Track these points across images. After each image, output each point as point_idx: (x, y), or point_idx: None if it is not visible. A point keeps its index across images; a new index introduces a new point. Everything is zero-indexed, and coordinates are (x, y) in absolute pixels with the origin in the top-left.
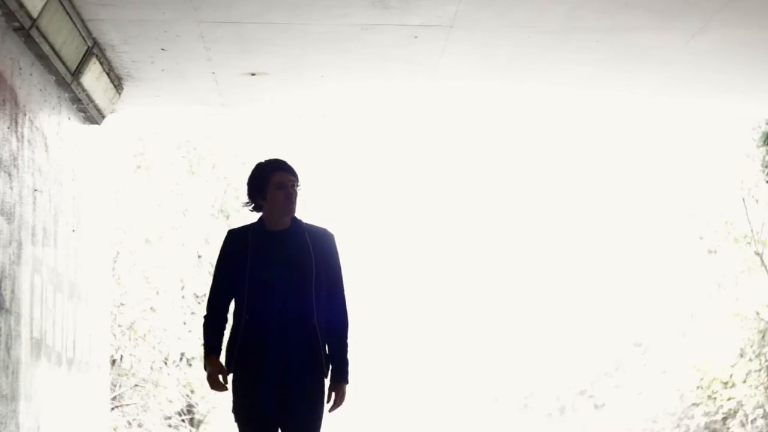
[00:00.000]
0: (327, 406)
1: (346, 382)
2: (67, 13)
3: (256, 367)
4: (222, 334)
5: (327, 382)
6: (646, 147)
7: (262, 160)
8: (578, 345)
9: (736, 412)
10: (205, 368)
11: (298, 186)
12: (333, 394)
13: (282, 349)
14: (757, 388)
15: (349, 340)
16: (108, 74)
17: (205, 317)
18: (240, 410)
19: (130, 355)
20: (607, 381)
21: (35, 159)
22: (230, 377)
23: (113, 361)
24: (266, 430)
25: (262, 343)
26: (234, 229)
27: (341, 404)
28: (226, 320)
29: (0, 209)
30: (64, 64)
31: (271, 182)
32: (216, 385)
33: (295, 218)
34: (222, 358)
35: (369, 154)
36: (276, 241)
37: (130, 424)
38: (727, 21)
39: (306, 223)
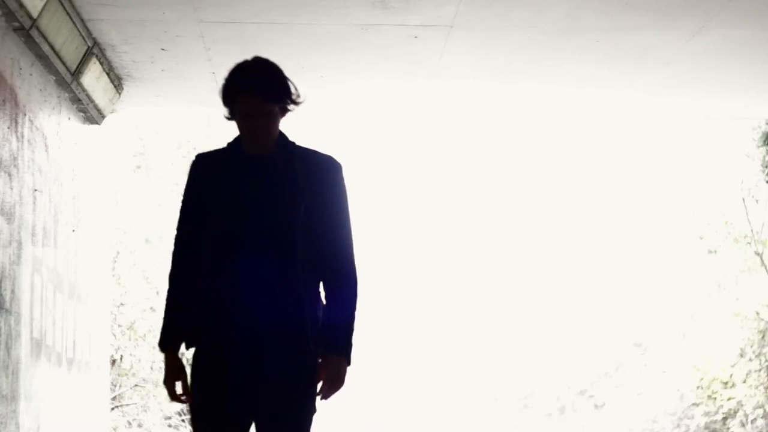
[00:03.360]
0: (319, 389)
1: (346, 358)
2: (67, 13)
3: (220, 350)
4: (190, 308)
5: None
6: (647, 147)
7: (237, 65)
8: (578, 345)
9: (736, 412)
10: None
11: (279, 108)
12: (325, 372)
13: (253, 324)
14: (757, 388)
15: (355, 308)
16: (108, 74)
17: (168, 282)
18: (199, 409)
19: (130, 355)
20: (607, 381)
21: (35, 159)
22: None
23: (113, 361)
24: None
25: (227, 314)
26: (203, 154)
27: (338, 388)
28: (196, 284)
29: (0, 209)
30: (64, 64)
31: (236, 108)
32: (173, 395)
33: (286, 139)
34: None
35: (369, 154)
36: (253, 171)
37: (130, 424)
38: (727, 21)
39: (302, 147)
